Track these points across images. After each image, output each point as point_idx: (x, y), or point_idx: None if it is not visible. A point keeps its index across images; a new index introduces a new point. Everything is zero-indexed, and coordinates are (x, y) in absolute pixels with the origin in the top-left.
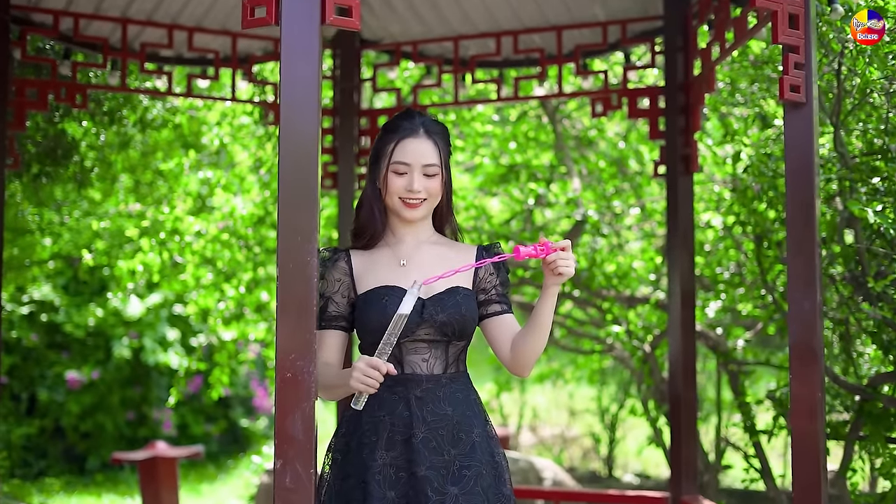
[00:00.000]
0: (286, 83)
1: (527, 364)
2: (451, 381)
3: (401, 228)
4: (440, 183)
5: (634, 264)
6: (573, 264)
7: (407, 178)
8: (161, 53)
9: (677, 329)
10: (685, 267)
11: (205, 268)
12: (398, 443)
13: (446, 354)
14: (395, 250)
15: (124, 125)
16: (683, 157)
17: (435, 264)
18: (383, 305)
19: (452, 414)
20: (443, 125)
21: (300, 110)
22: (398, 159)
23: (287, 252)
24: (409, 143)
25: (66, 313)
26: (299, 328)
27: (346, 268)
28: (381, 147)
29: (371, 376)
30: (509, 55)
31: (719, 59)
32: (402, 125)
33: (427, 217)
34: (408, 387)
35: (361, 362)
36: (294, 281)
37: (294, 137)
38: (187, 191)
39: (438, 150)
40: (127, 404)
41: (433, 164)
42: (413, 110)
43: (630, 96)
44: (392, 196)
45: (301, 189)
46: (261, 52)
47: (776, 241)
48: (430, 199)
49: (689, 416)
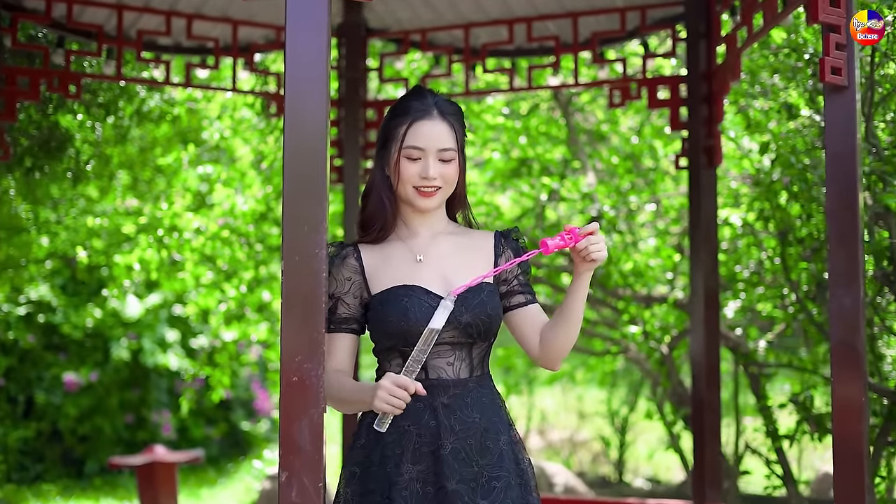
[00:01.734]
0: (292, 57)
1: (558, 357)
2: (477, 385)
3: (414, 219)
4: (456, 168)
5: (650, 262)
6: (605, 247)
7: (421, 164)
8: (158, 42)
9: (700, 329)
10: (708, 264)
11: (204, 266)
12: (425, 455)
13: (471, 357)
14: (408, 244)
15: (120, 117)
16: (706, 148)
17: (454, 257)
18: (404, 307)
19: (480, 421)
20: (457, 105)
21: (307, 85)
22: (411, 143)
23: (292, 244)
24: (423, 126)
25: (64, 314)
26: (306, 327)
27: (356, 265)
28: (390, 130)
29: (398, 396)
30: (522, 43)
31: (746, 44)
32: (414, 106)
33: (442, 206)
34: (433, 394)
35: (388, 381)
36: (300, 275)
37: (300, 116)
38: (186, 186)
39: (454, 132)
40: (126, 407)
41: (449, 149)
42: (424, 88)
43: (650, 86)
44: (405, 184)
45: (308, 174)
46: (263, 41)
47: (798, 238)
48: (445, 187)
49: (712, 421)
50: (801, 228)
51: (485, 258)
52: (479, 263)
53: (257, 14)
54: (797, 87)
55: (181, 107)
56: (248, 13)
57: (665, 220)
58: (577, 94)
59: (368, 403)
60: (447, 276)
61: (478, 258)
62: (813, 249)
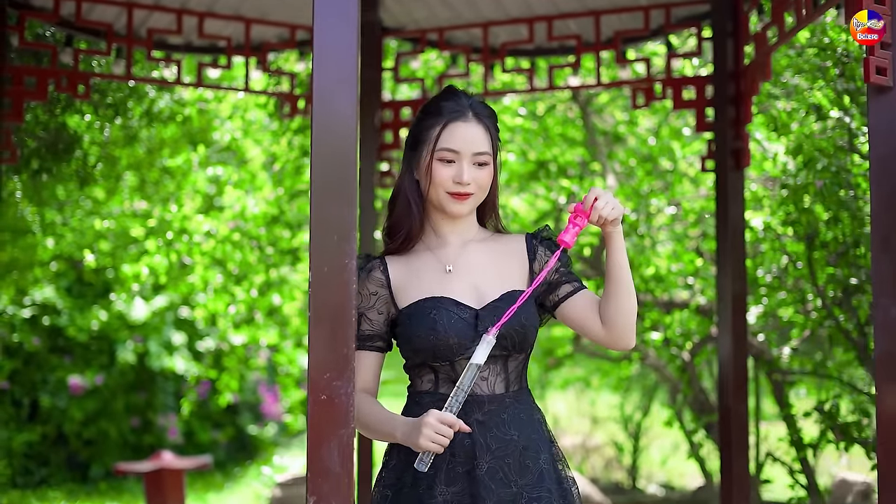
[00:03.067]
0: (320, 53)
1: (625, 330)
2: (515, 400)
3: (444, 226)
4: (490, 174)
5: (672, 267)
6: (615, 202)
7: (455, 168)
8: (169, 41)
9: (728, 336)
10: (736, 269)
11: (214, 270)
12: (460, 476)
13: (507, 370)
14: (437, 254)
15: (129, 118)
16: (734, 150)
17: (485, 266)
18: (432, 321)
19: (519, 439)
20: (491, 108)
21: (336, 83)
22: (445, 145)
23: (321, 254)
24: (458, 128)
25: (69, 316)
26: (335, 342)
27: (382, 279)
28: (422, 131)
29: (444, 434)
30: (542, 43)
31: (779, 42)
32: (448, 106)
33: (473, 212)
34: (468, 410)
35: (432, 417)
36: (329, 287)
37: (329, 117)
38: (196, 188)
39: (490, 136)
40: (131, 410)
41: (484, 153)
42: (457, 89)
43: (675, 86)
44: (437, 188)
45: (337, 179)
46: (276, 40)
47: (822, 242)
48: (478, 193)
49: (739, 429)
50: (826, 232)
51: (518, 264)
52: (513, 270)
53: (270, 12)
54: (825, 87)
55: (192, 107)
56: (261, 11)
57: (683, 223)
58: (596, 94)
59: (398, 439)
60: (479, 287)
61: (511, 265)
62: (838, 254)
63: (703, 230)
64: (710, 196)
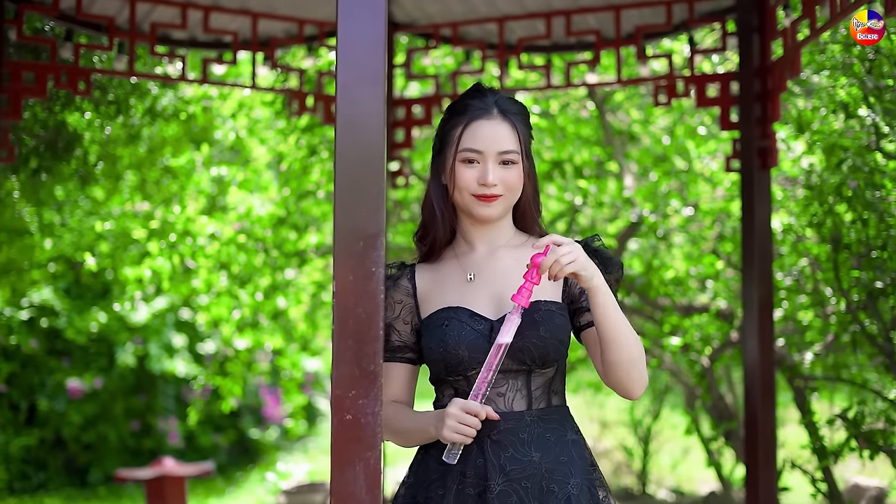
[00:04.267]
0: (345, 46)
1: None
2: (539, 419)
3: (473, 232)
4: (520, 174)
5: (691, 270)
6: (574, 254)
7: (479, 169)
8: (173, 35)
9: (754, 341)
10: (763, 272)
11: (218, 273)
12: (470, 497)
13: (529, 386)
14: (462, 262)
15: (131, 116)
16: (760, 150)
17: (512, 275)
18: (442, 332)
19: (540, 461)
20: (521, 104)
21: (362, 80)
22: (467, 146)
23: (345, 261)
24: (481, 126)
25: (68, 318)
26: (361, 357)
27: (408, 287)
28: (446, 133)
29: (468, 423)
30: (560, 38)
31: (811, 37)
32: (472, 104)
33: (505, 217)
34: (483, 427)
35: (455, 407)
36: (355, 297)
37: (354, 115)
38: (200, 189)
39: (517, 133)
40: (131, 414)
41: (511, 151)
42: (484, 86)
43: (698, 83)
44: (461, 191)
45: (362, 182)
46: (284, 35)
47: (845, 244)
48: (507, 194)
49: (766, 439)
50: (848, 234)
51: None
52: (546, 283)
53: (278, 6)
54: (849, 84)
55: (196, 104)
56: (269, 5)
57: (700, 224)
58: (612, 92)
59: (433, 434)
60: (501, 296)
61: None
62: (859, 256)
63: (719, 232)
64: (727, 197)
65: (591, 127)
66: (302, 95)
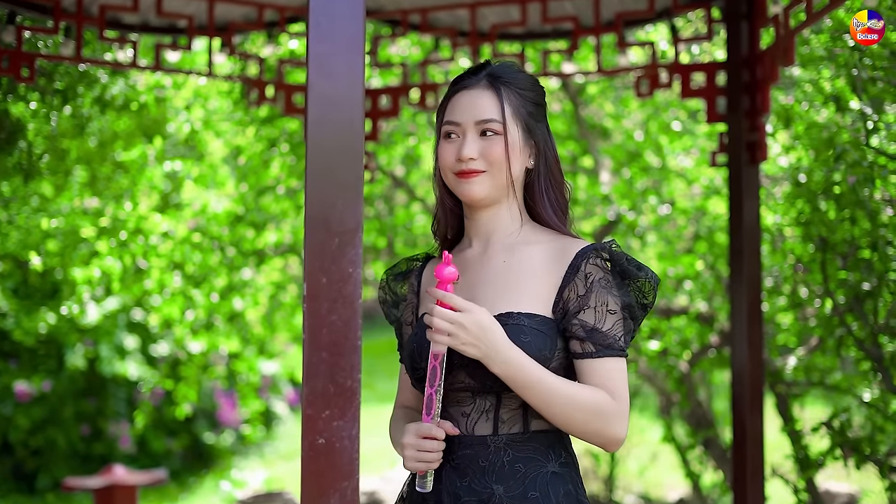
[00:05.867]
0: (317, 11)
1: (582, 436)
2: (507, 445)
3: (469, 224)
4: (502, 147)
5: (670, 270)
6: (447, 327)
7: (458, 143)
8: (124, 19)
9: (743, 345)
10: (752, 273)
11: (171, 272)
12: None
13: (497, 408)
14: (458, 260)
15: (79, 106)
16: (749, 144)
17: (500, 279)
18: (410, 341)
19: (503, 495)
20: (524, 74)
21: (337, 50)
22: (447, 118)
23: (318, 261)
24: (463, 97)
25: (15, 319)
26: (337, 372)
27: (415, 284)
28: (437, 113)
29: (426, 448)
30: (536, 26)
31: (806, 22)
32: (464, 78)
33: (502, 203)
34: (449, 446)
35: (409, 436)
36: (329, 303)
37: (328, 90)
38: (152, 185)
39: (500, 101)
40: (81, 418)
41: (491, 120)
42: (487, 61)
43: (683, 72)
44: (445, 171)
45: (339, 169)
46: (242, 20)
47: (831, 244)
48: (490, 170)
49: (755, 448)
50: (831, 233)
51: (548, 281)
52: (538, 287)
53: None
54: (836, 75)
55: (149, 94)
56: None
57: (674, 223)
58: (585, 84)
59: None
60: (479, 301)
61: (539, 280)
62: (844, 256)
63: (695, 231)
64: (704, 194)
65: (565, 121)
66: (262, 84)
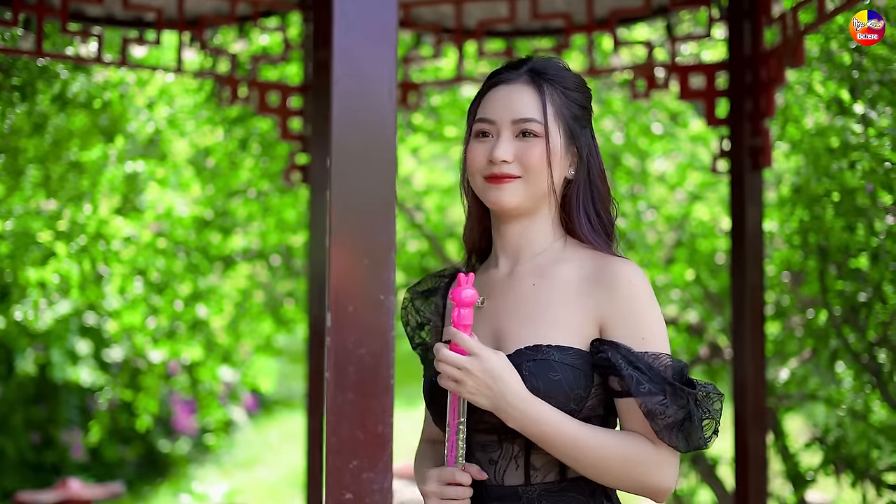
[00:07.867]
0: (342, 4)
1: (615, 486)
2: (542, 496)
3: (497, 238)
4: (543, 151)
5: (658, 280)
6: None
7: (491, 143)
8: (88, 11)
9: (747, 357)
10: (754, 282)
11: (132, 278)
12: None
13: (527, 454)
14: (484, 279)
15: (37, 103)
16: (752, 148)
17: (528, 305)
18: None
19: None
20: (570, 72)
21: (368, 36)
22: (480, 115)
23: (344, 286)
24: (499, 92)
25: None
26: (367, 416)
27: (440, 305)
28: (468, 111)
29: (451, 496)
30: (525, 23)
31: (818, 21)
32: (502, 72)
33: (536, 215)
34: (477, 492)
35: (431, 484)
36: (357, 335)
37: (357, 87)
38: (113, 186)
39: (542, 99)
40: (31, 426)
41: (531, 119)
42: (529, 56)
43: (681, 73)
44: (473, 175)
45: (371, 179)
46: (213, 13)
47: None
48: (527, 176)
49: (757, 466)
50: (825, 241)
51: (584, 308)
52: (571, 315)
53: None
54: (838, 78)
55: (113, 91)
56: None
57: (654, 231)
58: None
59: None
60: (503, 333)
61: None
62: (839, 266)
63: (679, 238)
64: (689, 201)
65: None
66: (234, 82)
